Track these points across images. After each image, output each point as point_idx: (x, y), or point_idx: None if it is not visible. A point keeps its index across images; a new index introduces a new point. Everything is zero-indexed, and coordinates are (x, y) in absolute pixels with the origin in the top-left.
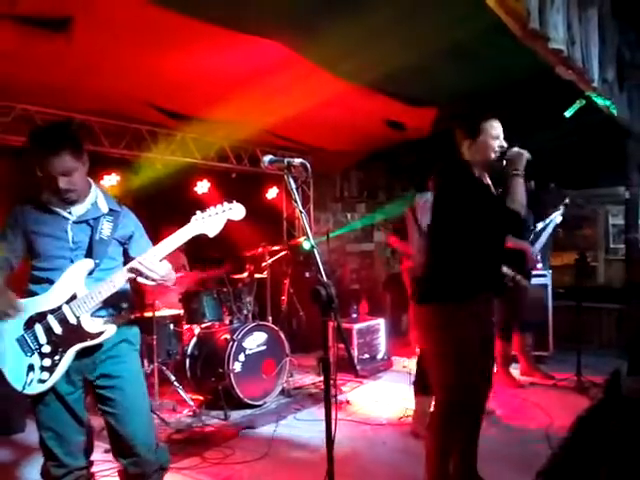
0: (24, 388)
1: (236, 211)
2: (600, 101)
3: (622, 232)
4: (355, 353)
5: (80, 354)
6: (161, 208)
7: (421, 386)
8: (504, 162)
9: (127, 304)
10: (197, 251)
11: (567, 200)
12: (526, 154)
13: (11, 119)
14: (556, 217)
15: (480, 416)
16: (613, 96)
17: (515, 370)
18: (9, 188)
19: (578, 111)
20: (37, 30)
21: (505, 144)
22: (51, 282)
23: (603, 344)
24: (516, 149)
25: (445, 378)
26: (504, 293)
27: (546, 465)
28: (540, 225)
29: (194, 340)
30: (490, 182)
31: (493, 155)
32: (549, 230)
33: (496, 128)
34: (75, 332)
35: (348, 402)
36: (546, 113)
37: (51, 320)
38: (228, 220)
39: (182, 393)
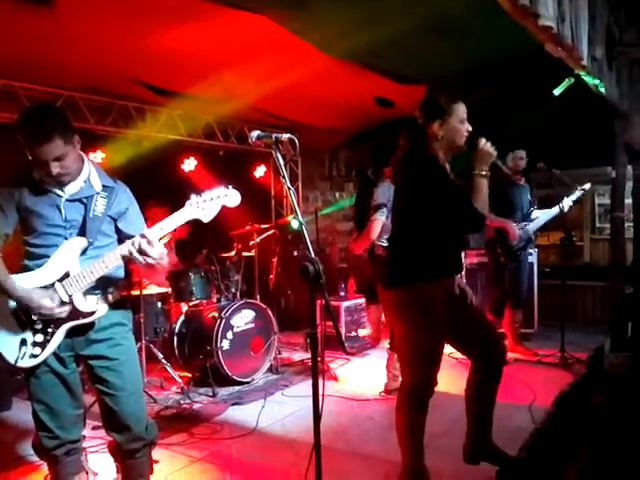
0: (17, 361)
1: (231, 197)
2: (589, 79)
3: (608, 211)
4: (343, 330)
5: (72, 332)
6: (148, 186)
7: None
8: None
9: (119, 284)
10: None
11: (586, 186)
12: (494, 154)
13: None
14: (565, 204)
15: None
16: (602, 74)
17: None
18: None
19: (567, 89)
20: (18, 2)
21: (470, 127)
22: (45, 258)
23: (587, 321)
24: (484, 145)
25: (415, 358)
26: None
27: (529, 440)
28: (539, 213)
29: (182, 318)
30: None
31: (462, 140)
32: (551, 214)
33: (463, 112)
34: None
35: (336, 378)
36: (535, 91)
37: None
38: (223, 206)
39: (170, 370)
